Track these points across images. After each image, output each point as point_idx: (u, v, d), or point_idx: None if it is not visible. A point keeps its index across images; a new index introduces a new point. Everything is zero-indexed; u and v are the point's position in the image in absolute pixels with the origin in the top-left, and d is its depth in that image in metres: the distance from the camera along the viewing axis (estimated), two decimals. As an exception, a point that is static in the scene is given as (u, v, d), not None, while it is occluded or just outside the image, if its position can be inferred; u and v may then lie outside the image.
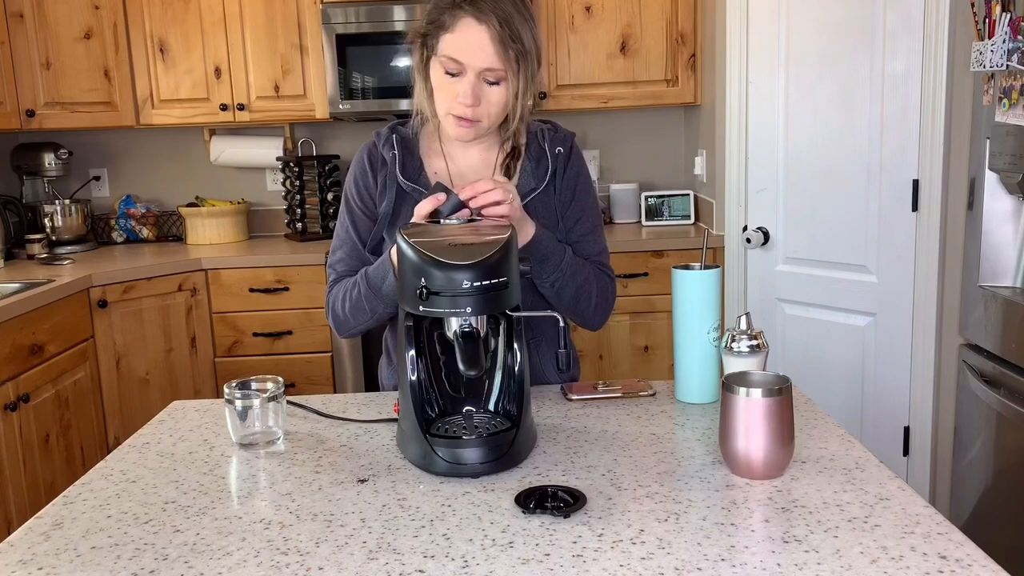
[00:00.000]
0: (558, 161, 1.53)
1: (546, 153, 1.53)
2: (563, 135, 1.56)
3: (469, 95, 1.38)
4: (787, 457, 1.12)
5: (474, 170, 1.53)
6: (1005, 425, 2.11)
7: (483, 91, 1.39)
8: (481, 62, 1.36)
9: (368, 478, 1.16)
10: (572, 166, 1.55)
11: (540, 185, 1.51)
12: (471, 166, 1.54)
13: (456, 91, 1.39)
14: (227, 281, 3.24)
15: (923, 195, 2.56)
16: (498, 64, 1.36)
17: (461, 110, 1.40)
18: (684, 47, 3.42)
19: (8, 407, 2.46)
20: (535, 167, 1.52)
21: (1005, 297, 2.10)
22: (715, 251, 3.17)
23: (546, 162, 1.52)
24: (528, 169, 1.53)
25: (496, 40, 1.35)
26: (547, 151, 1.53)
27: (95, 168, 3.85)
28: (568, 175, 1.54)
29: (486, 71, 1.37)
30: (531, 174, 1.52)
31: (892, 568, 0.88)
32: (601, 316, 1.55)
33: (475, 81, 1.38)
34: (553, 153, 1.53)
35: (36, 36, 3.27)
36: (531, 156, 1.53)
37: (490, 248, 1.15)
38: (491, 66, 1.37)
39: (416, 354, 1.22)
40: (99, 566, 0.96)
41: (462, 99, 1.38)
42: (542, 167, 1.52)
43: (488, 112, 1.41)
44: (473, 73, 1.37)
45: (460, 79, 1.39)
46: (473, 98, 1.38)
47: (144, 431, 1.39)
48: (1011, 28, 1.99)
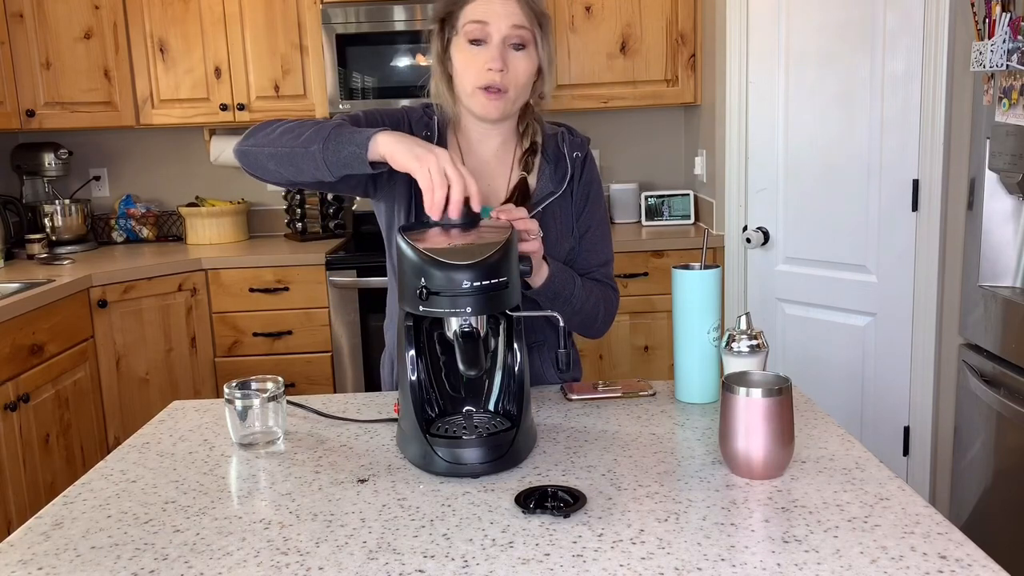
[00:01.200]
0: (575, 166, 1.52)
1: (565, 157, 1.52)
2: (580, 139, 1.56)
3: (498, 58, 1.38)
4: (787, 457, 1.12)
5: (490, 165, 1.52)
6: (1005, 425, 2.11)
7: (509, 57, 1.40)
8: (507, 20, 1.38)
9: (368, 478, 1.16)
10: (587, 172, 1.55)
11: (559, 190, 1.51)
12: (487, 161, 1.53)
13: (483, 60, 1.39)
14: (227, 281, 3.24)
15: (923, 195, 2.56)
16: (524, 21, 1.38)
17: (490, 78, 1.39)
18: (684, 47, 3.42)
19: (8, 407, 2.46)
20: (553, 170, 1.52)
21: (1005, 297, 2.10)
22: (715, 251, 3.17)
23: (564, 165, 1.52)
24: (547, 173, 1.51)
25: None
26: (566, 155, 1.52)
27: (95, 168, 3.85)
28: (584, 181, 1.54)
29: (512, 30, 1.38)
30: (549, 178, 1.51)
31: (892, 568, 0.88)
32: (603, 330, 1.57)
33: (502, 45, 1.39)
34: (571, 157, 1.52)
35: (36, 36, 3.27)
36: (549, 159, 1.52)
37: (490, 248, 1.15)
38: (517, 22, 1.38)
39: (416, 354, 1.22)
40: (99, 566, 0.96)
41: (491, 64, 1.38)
42: (560, 171, 1.52)
43: (516, 81, 1.41)
44: (499, 36, 1.39)
45: (486, 47, 1.39)
46: (502, 62, 1.38)
47: (144, 431, 1.39)
48: (1011, 28, 1.99)
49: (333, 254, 3.25)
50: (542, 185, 1.51)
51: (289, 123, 1.39)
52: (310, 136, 1.33)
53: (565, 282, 1.44)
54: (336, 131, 1.31)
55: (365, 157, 1.28)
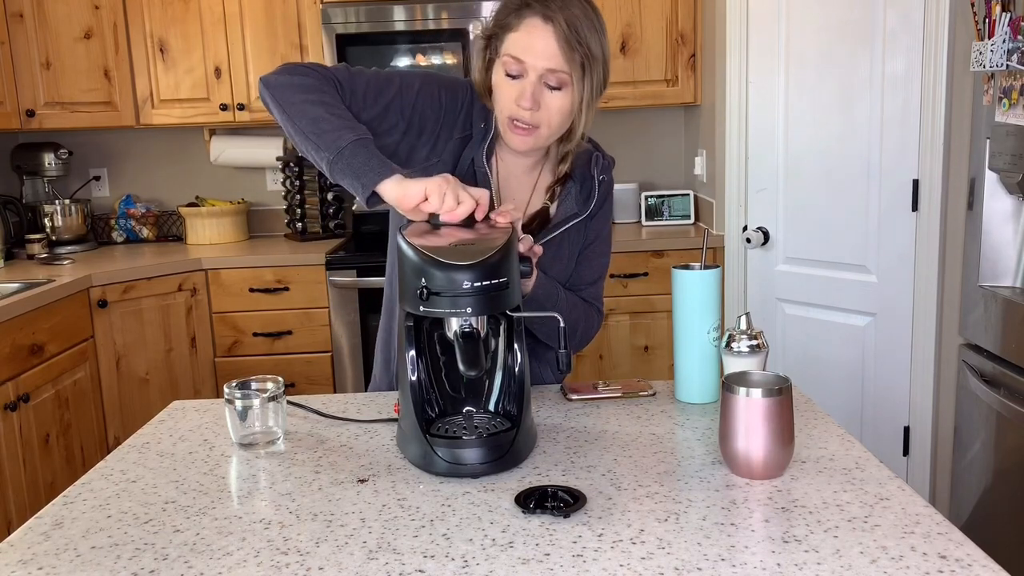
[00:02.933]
0: (600, 189, 1.50)
1: (592, 178, 1.49)
2: (607, 162, 1.53)
3: (528, 97, 1.32)
4: (787, 457, 1.12)
5: (522, 179, 1.50)
6: (1005, 425, 2.11)
7: (544, 96, 1.34)
8: (544, 62, 1.31)
9: (368, 478, 1.16)
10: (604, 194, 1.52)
11: (583, 212, 1.49)
12: (520, 173, 1.50)
13: (516, 93, 1.34)
14: (227, 281, 3.24)
15: (923, 195, 2.56)
16: (561, 65, 1.31)
17: (519, 113, 1.34)
18: (684, 47, 3.42)
19: (8, 407, 2.46)
20: (578, 191, 1.49)
21: (1005, 297, 2.10)
22: (715, 251, 3.17)
23: (590, 186, 1.49)
24: (572, 193, 1.49)
25: (561, 40, 1.30)
26: (594, 177, 1.49)
27: (95, 168, 3.84)
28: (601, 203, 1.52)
29: (548, 72, 1.32)
30: (575, 199, 1.49)
31: (892, 568, 0.88)
32: (576, 347, 1.57)
33: (536, 83, 1.33)
34: (599, 180, 1.50)
35: (36, 36, 3.27)
36: (575, 179, 1.49)
37: (490, 248, 1.15)
38: (554, 67, 1.31)
39: (416, 354, 1.22)
40: (99, 566, 0.96)
41: (522, 101, 1.33)
42: (584, 192, 1.49)
43: (548, 119, 1.36)
44: (535, 74, 1.32)
45: (521, 81, 1.34)
46: (532, 101, 1.33)
47: (144, 431, 1.39)
48: (1011, 28, 1.99)
49: (333, 254, 3.25)
50: (566, 206, 1.49)
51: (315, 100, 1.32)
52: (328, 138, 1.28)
53: (549, 293, 1.43)
54: (351, 151, 1.26)
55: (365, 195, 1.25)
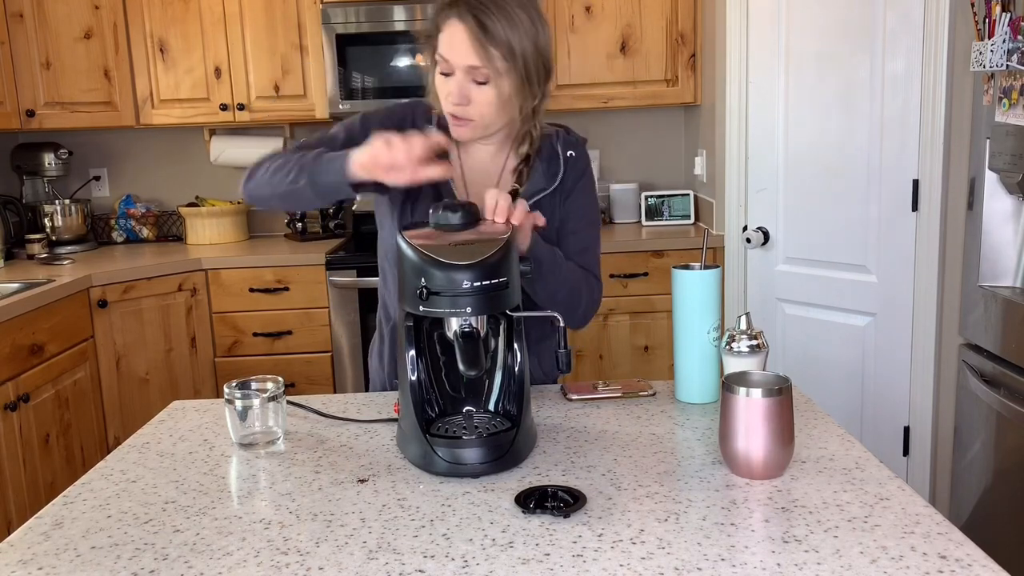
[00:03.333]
0: (568, 164, 1.54)
1: (558, 155, 1.54)
2: (575, 139, 1.57)
3: (456, 93, 1.40)
4: (787, 457, 1.12)
5: (483, 169, 1.55)
6: (1005, 425, 2.11)
7: (471, 91, 1.40)
8: (463, 60, 1.38)
9: (368, 478, 1.16)
10: (579, 169, 1.55)
11: (549, 187, 1.52)
12: (484, 161, 1.55)
13: (446, 91, 1.42)
14: (227, 281, 3.24)
15: (923, 195, 2.56)
16: (478, 62, 1.37)
17: (452, 108, 1.42)
18: (684, 47, 3.42)
19: (8, 407, 2.46)
20: (546, 168, 1.53)
21: (1005, 297, 2.10)
22: (715, 251, 3.17)
23: (557, 163, 1.53)
24: (539, 170, 1.53)
25: (474, 39, 1.36)
26: (559, 153, 1.54)
27: (95, 168, 3.84)
28: (575, 180, 1.55)
29: (470, 69, 1.39)
30: (542, 175, 1.53)
31: (892, 568, 0.88)
32: (587, 315, 1.55)
33: (463, 80, 1.40)
34: (565, 156, 1.54)
35: (36, 36, 3.27)
36: (542, 157, 1.54)
37: (490, 248, 1.15)
38: (472, 64, 1.38)
39: (416, 354, 1.22)
40: (99, 566, 0.96)
41: (451, 97, 1.41)
42: (552, 168, 1.53)
43: (480, 112, 1.42)
44: (461, 72, 1.39)
45: (451, 79, 1.41)
46: (460, 96, 1.40)
47: (144, 431, 1.39)
48: (1011, 28, 1.99)
49: (333, 254, 3.25)
50: (533, 181, 1.52)
51: (278, 159, 1.45)
52: (296, 172, 1.40)
53: (547, 251, 1.43)
54: (314, 163, 1.38)
55: (346, 183, 1.34)
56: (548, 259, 1.42)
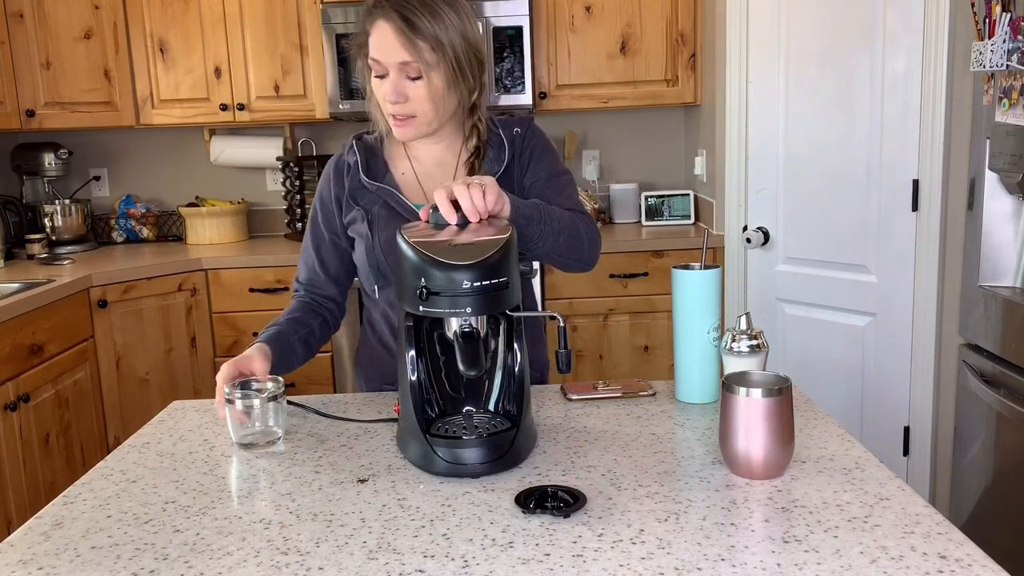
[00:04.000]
0: (515, 143, 1.56)
1: (502, 138, 1.56)
2: (518, 119, 1.61)
3: (392, 92, 1.43)
4: (787, 457, 1.12)
5: (440, 167, 1.57)
6: (1005, 425, 2.11)
7: (406, 87, 1.43)
8: (393, 57, 1.41)
9: (368, 478, 1.16)
10: (527, 140, 1.57)
11: (501, 168, 1.54)
12: (436, 163, 1.57)
13: (383, 92, 1.45)
14: (227, 281, 3.24)
15: (923, 195, 2.56)
16: (408, 57, 1.40)
17: (391, 108, 1.45)
18: (684, 47, 3.42)
19: (8, 407, 2.46)
20: (497, 153, 1.56)
21: (1005, 297, 2.10)
22: (715, 251, 3.17)
23: (502, 146, 1.56)
24: (490, 156, 1.56)
25: (400, 34, 1.40)
26: (503, 136, 1.56)
27: (95, 168, 3.85)
28: (526, 149, 1.57)
29: (402, 65, 1.42)
30: (493, 160, 1.55)
31: (892, 568, 0.88)
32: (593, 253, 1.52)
33: (397, 78, 1.43)
34: (510, 136, 1.56)
35: (36, 36, 3.27)
36: (492, 145, 1.56)
37: (490, 248, 1.15)
38: (402, 59, 1.41)
39: (416, 354, 1.22)
40: (99, 566, 0.96)
41: (389, 97, 1.44)
42: (502, 152, 1.56)
43: (420, 108, 1.45)
44: (394, 71, 1.43)
45: (385, 79, 1.44)
46: (396, 95, 1.43)
47: (144, 431, 1.39)
48: (1011, 28, 1.99)
49: (333, 254, 3.25)
50: (486, 168, 1.54)
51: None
52: None
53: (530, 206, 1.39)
54: None
55: None
56: (534, 212, 1.37)
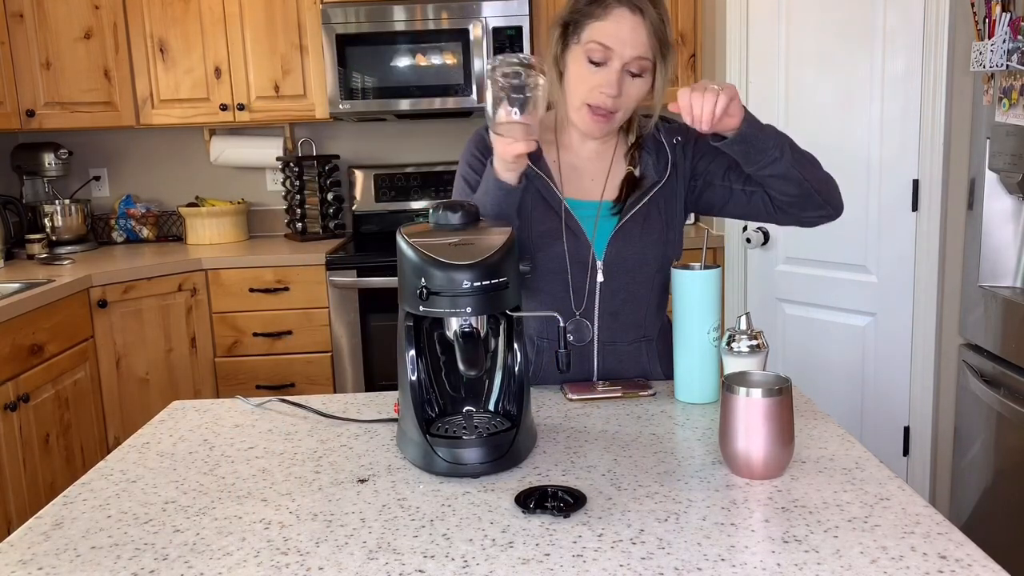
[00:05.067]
0: (676, 151, 1.53)
1: (664, 145, 1.53)
2: (677, 125, 1.56)
3: (615, 84, 1.40)
4: (787, 457, 1.12)
5: (589, 161, 1.55)
6: (1005, 425, 2.11)
7: (625, 83, 1.41)
8: (632, 50, 1.39)
9: (368, 478, 1.16)
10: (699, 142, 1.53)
11: (662, 178, 1.52)
12: (587, 158, 1.55)
13: (597, 81, 1.41)
14: (227, 281, 3.24)
15: (923, 195, 2.56)
16: (648, 54, 1.40)
17: (601, 100, 1.41)
18: (684, 47, 3.42)
19: (8, 407, 2.46)
20: (655, 160, 1.53)
21: (1005, 297, 2.10)
22: (715, 251, 3.17)
23: (665, 154, 1.53)
24: (649, 163, 1.53)
25: (650, 31, 1.39)
26: (664, 143, 1.53)
27: (95, 168, 3.84)
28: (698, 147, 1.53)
29: (634, 60, 1.40)
30: (652, 168, 1.52)
31: (892, 568, 0.88)
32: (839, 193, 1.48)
33: (620, 71, 1.40)
34: (671, 144, 1.53)
35: (36, 36, 3.27)
36: (649, 150, 1.54)
37: (490, 248, 1.15)
38: (642, 55, 1.39)
39: (416, 354, 1.21)
40: (99, 566, 0.96)
41: (606, 88, 1.40)
42: (661, 160, 1.53)
43: (626, 105, 1.44)
44: (620, 62, 1.40)
45: (604, 69, 1.40)
46: (616, 87, 1.40)
47: (144, 431, 1.39)
48: (1011, 28, 1.99)
49: (333, 254, 3.25)
50: (648, 175, 1.52)
51: None
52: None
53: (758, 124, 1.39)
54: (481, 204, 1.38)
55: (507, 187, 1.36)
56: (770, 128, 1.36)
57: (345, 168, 3.78)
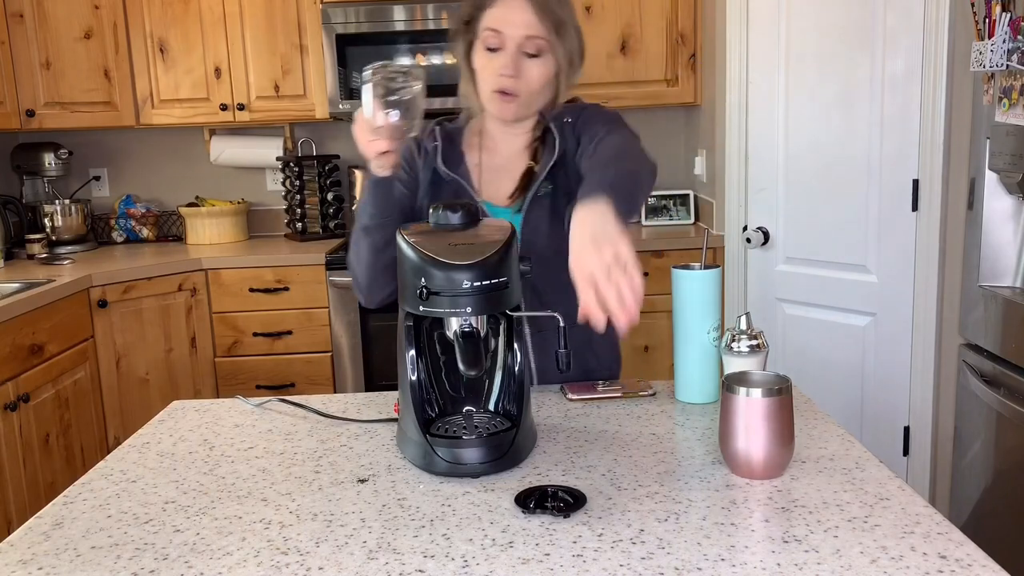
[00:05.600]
0: (565, 130, 1.54)
1: (551, 129, 1.54)
2: (576, 106, 1.57)
3: (510, 65, 1.43)
4: (787, 457, 1.12)
5: (511, 160, 1.56)
6: (1005, 425, 2.11)
7: (523, 64, 1.44)
8: (522, 31, 1.42)
9: (368, 478, 1.16)
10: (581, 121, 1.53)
11: (552, 158, 1.52)
12: (508, 157, 1.57)
13: (496, 66, 1.45)
14: (227, 281, 3.24)
15: (923, 195, 2.56)
16: (537, 31, 1.42)
17: (502, 82, 1.44)
18: (684, 47, 3.42)
19: (8, 407, 2.46)
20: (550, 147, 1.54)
21: (1005, 297, 2.10)
22: (715, 251, 3.17)
23: (552, 137, 1.54)
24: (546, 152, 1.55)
25: (537, 9, 1.42)
26: (551, 127, 1.54)
27: (95, 168, 3.84)
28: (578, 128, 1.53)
29: (526, 40, 1.42)
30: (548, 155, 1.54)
31: (892, 568, 0.88)
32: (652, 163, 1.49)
33: (515, 53, 1.44)
34: (560, 126, 1.54)
35: (36, 36, 3.27)
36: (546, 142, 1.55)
37: (490, 248, 1.15)
38: (530, 33, 1.42)
39: (416, 354, 1.21)
40: (99, 566, 0.96)
41: (503, 70, 1.44)
42: (549, 144, 1.54)
43: (528, 87, 1.46)
44: (513, 44, 1.43)
45: (500, 53, 1.44)
46: (514, 68, 1.43)
47: (144, 431, 1.39)
48: (1011, 28, 1.99)
49: (333, 254, 3.25)
50: (543, 163, 1.53)
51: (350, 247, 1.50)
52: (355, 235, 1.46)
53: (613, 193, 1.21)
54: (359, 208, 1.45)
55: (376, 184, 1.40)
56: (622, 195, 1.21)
57: (345, 168, 3.78)
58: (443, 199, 1.49)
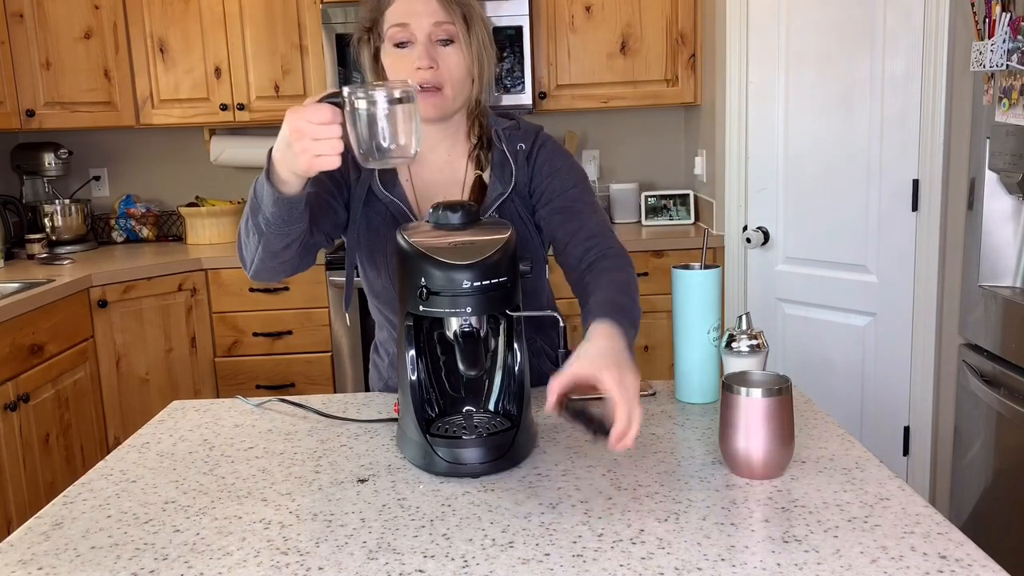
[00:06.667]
0: (519, 158, 1.47)
1: (506, 155, 1.47)
2: (525, 130, 1.50)
3: (425, 56, 1.35)
4: (787, 457, 1.12)
5: (442, 173, 1.49)
6: (1005, 425, 2.11)
7: (438, 53, 1.37)
8: (428, 19, 1.36)
9: (368, 478, 1.16)
10: (539, 158, 1.48)
11: (507, 190, 1.45)
12: (440, 169, 1.49)
13: (411, 61, 1.37)
14: (227, 281, 3.24)
15: (923, 195, 2.56)
16: (444, 16, 1.36)
17: (421, 76, 1.36)
18: (684, 47, 3.42)
19: (8, 407, 2.46)
20: (501, 171, 1.47)
21: (1005, 297, 2.10)
22: (715, 251, 3.17)
23: (509, 165, 1.47)
24: (496, 173, 1.47)
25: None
26: (507, 152, 1.47)
27: (95, 168, 3.84)
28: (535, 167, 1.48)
29: (436, 28, 1.36)
30: (498, 177, 1.47)
31: (892, 568, 0.88)
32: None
33: (427, 43, 1.36)
34: (512, 152, 1.47)
35: (36, 36, 3.26)
36: (495, 163, 1.47)
37: (490, 248, 1.15)
38: (440, 20, 1.36)
39: (416, 354, 1.21)
40: (99, 566, 0.96)
41: (419, 63, 1.35)
42: (507, 171, 1.46)
43: (450, 76, 1.38)
44: (423, 34, 1.36)
45: (412, 47, 1.37)
46: (429, 58, 1.36)
47: (144, 431, 1.39)
48: (1011, 28, 1.99)
49: (333, 254, 3.25)
50: (492, 185, 1.46)
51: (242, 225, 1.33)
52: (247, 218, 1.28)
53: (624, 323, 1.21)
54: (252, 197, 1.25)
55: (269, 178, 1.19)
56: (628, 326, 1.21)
57: (345, 168, 3.78)
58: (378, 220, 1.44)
